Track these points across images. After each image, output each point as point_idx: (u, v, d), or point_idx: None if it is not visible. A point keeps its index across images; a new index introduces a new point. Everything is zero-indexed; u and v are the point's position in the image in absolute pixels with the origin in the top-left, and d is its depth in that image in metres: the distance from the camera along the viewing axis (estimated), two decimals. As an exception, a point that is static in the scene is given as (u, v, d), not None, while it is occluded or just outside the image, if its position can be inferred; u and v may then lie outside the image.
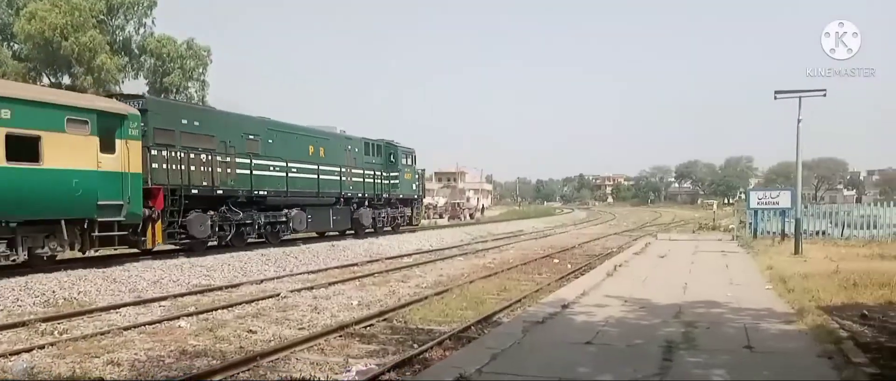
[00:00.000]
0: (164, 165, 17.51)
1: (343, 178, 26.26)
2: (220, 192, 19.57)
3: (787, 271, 14.03)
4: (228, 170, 19.93)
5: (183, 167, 18.04)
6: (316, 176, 24.39)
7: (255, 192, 21.07)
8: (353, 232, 28.03)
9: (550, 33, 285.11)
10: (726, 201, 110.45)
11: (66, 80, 37.63)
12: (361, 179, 27.69)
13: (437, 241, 28.73)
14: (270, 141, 22.17)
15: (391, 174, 30.36)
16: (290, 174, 22.79)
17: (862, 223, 26.10)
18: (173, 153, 17.86)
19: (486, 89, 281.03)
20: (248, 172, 20.73)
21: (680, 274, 14.81)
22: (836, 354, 6.83)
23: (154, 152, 17.22)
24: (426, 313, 11.19)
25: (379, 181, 29.17)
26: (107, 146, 15.08)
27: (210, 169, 19.07)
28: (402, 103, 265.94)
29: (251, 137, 21.35)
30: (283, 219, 22.68)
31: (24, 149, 13.32)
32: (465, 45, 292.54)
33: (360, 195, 27.66)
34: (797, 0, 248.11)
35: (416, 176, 33.90)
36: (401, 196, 31.58)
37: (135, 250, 17.47)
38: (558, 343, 7.75)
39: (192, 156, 18.43)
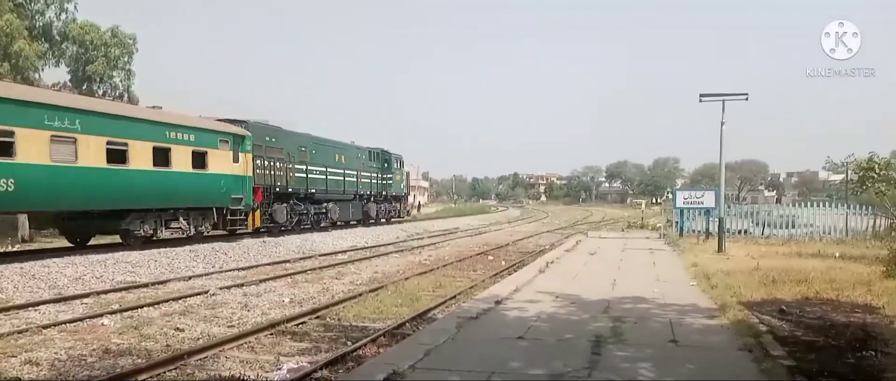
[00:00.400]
0: (259, 171, 23.75)
1: (357, 179, 33.52)
2: (290, 190, 26.41)
3: (711, 269, 14.54)
4: (292, 174, 26.57)
5: (269, 172, 24.66)
6: (342, 178, 31.64)
7: (309, 190, 28.08)
8: (358, 221, 34.55)
9: (485, 35, 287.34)
10: (654, 200, 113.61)
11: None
12: (369, 181, 35.32)
13: (372, 238, 28.59)
14: (314, 152, 28.86)
15: (386, 176, 37.73)
16: (327, 177, 29.89)
17: (781, 223, 27.28)
18: (264, 162, 24.22)
19: (423, 87, 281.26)
20: (303, 175, 27.65)
21: (609, 271, 15.18)
22: (755, 347, 7.12)
23: (254, 161, 23.39)
24: (360, 310, 11.13)
25: (379, 182, 36.86)
26: (235, 158, 22.08)
27: (284, 173, 25.80)
28: (346, 97, 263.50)
29: (303, 148, 27.99)
30: (324, 211, 29.74)
31: (199, 160, 20.35)
32: (402, 42, 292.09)
33: (368, 193, 35.08)
34: (723, 7, 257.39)
35: (404, 177, 42.13)
36: (394, 194, 39.20)
37: (56, 246, 16.94)
38: (491, 339, 7.83)
39: (272, 164, 24.97)
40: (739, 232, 26.56)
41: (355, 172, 33.16)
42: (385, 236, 29.70)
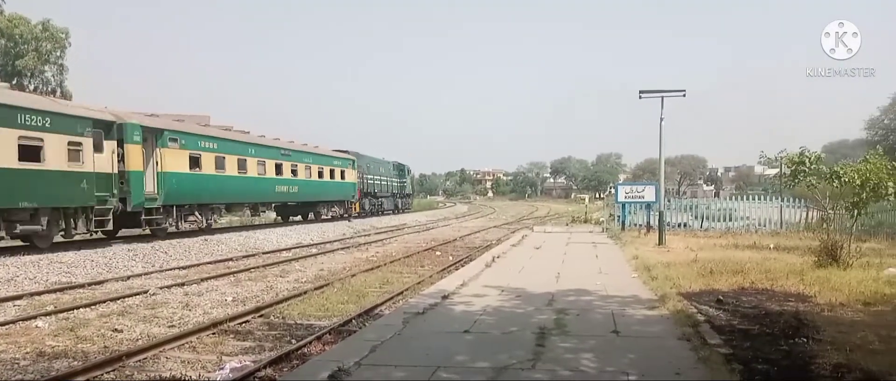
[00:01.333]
0: (356, 180, 40.64)
1: (390, 183, 51.08)
2: (366, 190, 43.74)
3: (652, 261, 14.87)
4: (366, 181, 43.72)
5: (359, 180, 41.36)
6: (386, 183, 49.55)
7: (374, 191, 45.91)
8: (391, 210, 50.71)
9: (431, 31, 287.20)
10: (597, 195, 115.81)
11: None
12: (397, 184, 53.20)
13: (318, 235, 28.31)
14: (371, 166, 45.97)
15: (402, 180, 55.53)
16: (380, 182, 47.72)
17: (719, 216, 28.11)
18: (358, 175, 41.37)
19: (370, 83, 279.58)
20: (371, 181, 45.25)
21: (554, 264, 15.37)
22: (693, 336, 7.31)
23: None
24: (305, 308, 11.01)
25: (399, 184, 54.31)
26: (352, 172, 39.91)
27: (365, 181, 43.48)
28: (285, 94, 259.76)
29: (368, 165, 44.68)
30: (380, 203, 47.37)
31: (342, 175, 38.76)
32: (347, 39, 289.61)
33: (396, 193, 52.82)
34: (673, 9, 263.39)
35: (411, 181, 62.97)
36: (407, 193, 57.98)
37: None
38: (437, 333, 7.86)
39: (360, 174, 41.72)
40: (679, 225, 27.23)
41: (390, 179, 50.71)
42: (331, 233, 29.44)
